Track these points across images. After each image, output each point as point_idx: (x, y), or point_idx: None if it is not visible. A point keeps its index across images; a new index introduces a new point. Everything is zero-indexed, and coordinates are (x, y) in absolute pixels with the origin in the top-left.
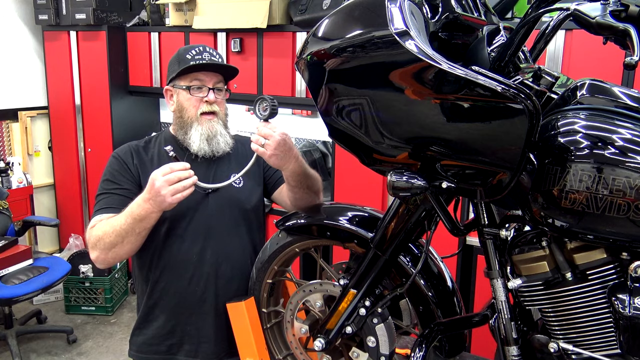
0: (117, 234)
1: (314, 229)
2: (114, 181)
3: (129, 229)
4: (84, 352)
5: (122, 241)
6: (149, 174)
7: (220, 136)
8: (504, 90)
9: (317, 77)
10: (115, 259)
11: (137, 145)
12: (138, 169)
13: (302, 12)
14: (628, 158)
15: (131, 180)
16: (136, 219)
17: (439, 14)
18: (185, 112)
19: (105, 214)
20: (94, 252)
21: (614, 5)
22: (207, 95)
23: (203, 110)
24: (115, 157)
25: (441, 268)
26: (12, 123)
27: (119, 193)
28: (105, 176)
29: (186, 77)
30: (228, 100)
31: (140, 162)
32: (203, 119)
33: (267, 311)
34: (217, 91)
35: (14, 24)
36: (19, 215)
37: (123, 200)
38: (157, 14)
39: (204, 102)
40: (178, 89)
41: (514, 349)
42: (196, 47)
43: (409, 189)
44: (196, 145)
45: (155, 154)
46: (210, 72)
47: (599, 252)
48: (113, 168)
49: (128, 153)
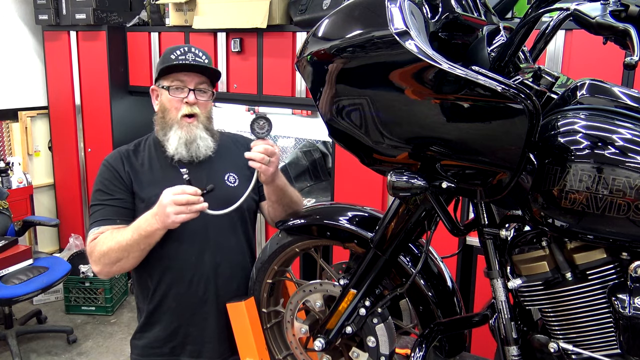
0: (123, 249)
1: (314, 229)
2: (107, 192)
3: (134, 244)
4: (84, 352)
5: (128, 256)
6: (141, 180)
7: (200, 140)
8: (504, 90)
9: (317, 77)
10: (119, 271)
11: (127, 150)
12: (130, 175)
13: (302, 12)
14: (628, 158)
15: (123, 189)
16: (142, 235)
17: (439, 14)
18: (167, 113)
19: (103, 227)
20: (98, 266)
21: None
22: (187, 96)
23: (184, 112)
24: (106, 165)
25: (441, 268)
26: (12, 123)
27: (113, 204)
28: (97, 186)
29: (168, 77)
30: (228, 100)
31: (132, 167)
32: (183, 122)
33: (267, 311)
34: (200, 92)
35: (14, 24)
36: (19, 215)
37: (118, 210)
38: (157, 14)
39: (184, 104)
40: (161, 89)
41: (514, 349)
42: (182, 47)
43: (409, 189)
44: (172, 148)
45: (146, 157)
46: (193, 72)
47: (599, 252)
48: (104, 177)
49: (118, 160)
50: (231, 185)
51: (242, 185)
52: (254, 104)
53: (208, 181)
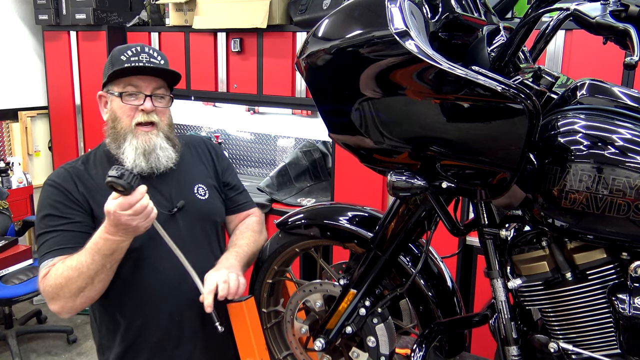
0: (86, 276)
1: (314, 228)
2: (60, 215)
3: (98, 267)
4: (84, 352)
5: (92, 282)
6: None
7: (160, 150)
8: (504, 90)
9: (317, 77)
10: (84, 303)
11: (74, 168)
12: (85, 196)
13: (302, 12)
14: (628, 158)
15: (81, 211)
16: (106, 254)
17: (439, 14)
18: (118, 122)
19: (58, 257)
20: (57, 303)
21: (614, 5)
22: (143, 103)
23: (139, 120)
24: (54, 185)
25: (441, 268)
26: (12, 123)
27: (70, 229)
28: (46, 210)
29: (120, 81)
30: (228, 100)
31: (86, 187)
32: (139, 130)
33: (267, 311)
34: (157, 98)
35: (14, 24)
36: (19, 215)
37: (75, 236)
38: (157, 14)
39: (139, 111)
40: (111, 95)
41: (514, 349)
42: (133, 46)
43: (409, 189)
44: (130, 161)
45: (99, 175)
46: (148, 76)
47: (599, 252)
48: (55, 200)
49: (68, 179)
50: (202, 198)
51: (212, 197)
52: (254, 104)
53: (177, 196)
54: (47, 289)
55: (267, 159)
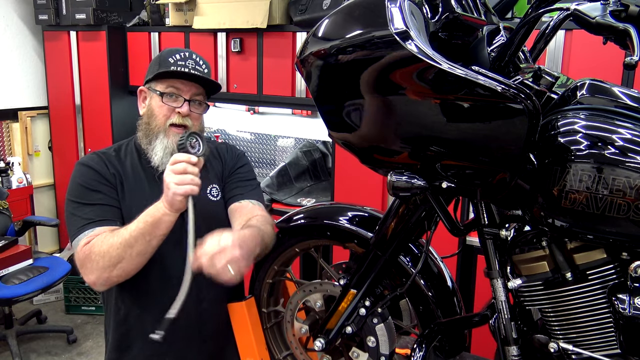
0: (126, 244)
1: (314, 229)
2: (95, 190)
3: (139, 235)
4: (84, 352)
5: (131, 252)
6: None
7: None
8: (504, 90)
9: (317, 77)
10: (120, 277)
11: (105, 154)
12: (116, 178)
13: (302, 12)
14: (628, 158)
15: (114, 189)
16: (148, 222)
17: (439, 14)
18: (154, 119)
19: (99, 228)
20: (94, 273)
21: (614, 5)
22: (181, 106)
23: (173, 121)
24: (85, 164)
25: (441, 268)
26: (12, 123)
27: (108, 203)
28: (79, 187)
29: (163, 81)
30: (228, 100)
31: (117, 171)
32: (171, 131)
33: (267, 311)
34: (195, 104)
35: (14, 24)
36: (19, 215)
37: (113, 211)
38: (157, 14)
39: (176, 113)
40: (152, 92)
41: (514, 349)
42: (182, 51)
43: (409, 189)
44: (158, 159)
45: (129, 165)
46: (191, 82)
47: (599, 252)
48: (87, 177)
49: (100, 161)
50: (214, 199)
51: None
52: (254, 104)
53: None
54: (89, 256)
55: (267, 159)
